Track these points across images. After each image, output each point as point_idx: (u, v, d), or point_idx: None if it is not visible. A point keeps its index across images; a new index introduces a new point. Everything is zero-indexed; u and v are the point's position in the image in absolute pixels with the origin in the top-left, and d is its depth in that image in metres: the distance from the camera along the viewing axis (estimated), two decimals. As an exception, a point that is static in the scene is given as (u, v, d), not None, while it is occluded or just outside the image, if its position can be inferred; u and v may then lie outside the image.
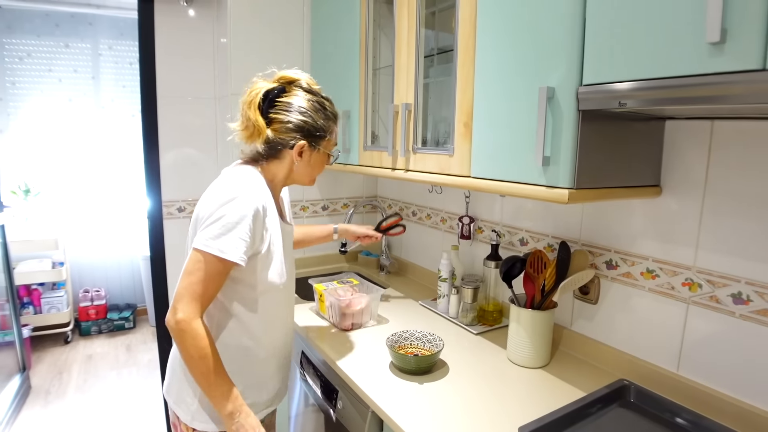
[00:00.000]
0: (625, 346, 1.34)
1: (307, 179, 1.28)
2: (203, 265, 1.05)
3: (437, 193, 2.03)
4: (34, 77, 3.73)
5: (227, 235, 1.06)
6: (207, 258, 1.05)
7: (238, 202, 1.08)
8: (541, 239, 1.58)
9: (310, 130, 1.19)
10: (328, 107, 1.23)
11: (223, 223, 1.06)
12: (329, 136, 1.24)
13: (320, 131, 1.21)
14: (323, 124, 1.21)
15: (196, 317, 1.05)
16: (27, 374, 3.09)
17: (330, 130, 1.24)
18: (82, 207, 3.98)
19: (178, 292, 1.06)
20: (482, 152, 1.23)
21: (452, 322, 1.70)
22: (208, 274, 1.05)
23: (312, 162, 1.24)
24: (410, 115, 1.48)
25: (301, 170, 1.24)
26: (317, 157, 1.24)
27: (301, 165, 1.22)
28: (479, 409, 1.17)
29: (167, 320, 1.06)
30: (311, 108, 1.19)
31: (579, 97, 0.98)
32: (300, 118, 1.18)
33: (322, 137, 1.22)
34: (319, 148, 1.23)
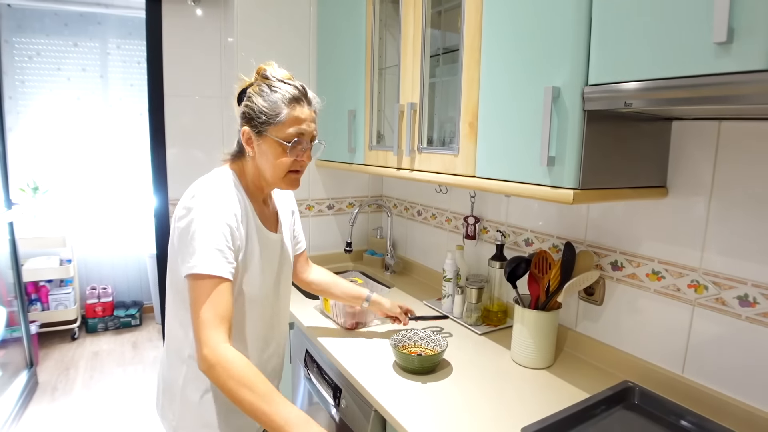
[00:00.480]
0: (630, 347, 1.33)
1: (270, 174, 1.14)
2: (198, 289, 0.99)
3: (443, 192, 2.03)
4: (43, 76, 3.76)
5: (205, 249, 1.00)
6: (199, 281, 0.99)
7: (203, 211, 1.03)
8: (546, 240, 1.58)
9: (250, 114, 1.10)
10: (277, 88, 1.10)
11: (197, 238, 1.01)
12: (274, 118, 1.09)
13: (263, 114, 1.09)
14: (265, 106, 1.08)
15: (219, 343, 0.97)
16: (34, 370, 3.12)
17: (275, 111, 1.08)
18: (89, 204, 4.00)
19: (193, 331, 1.00)
20: (487, 152, 1.23)
21: (456, 322, 1.69)
22: (208, 296, 0.99)
23: (264, 151, 1.12)
24: (415, 114, 1.48)
25: (260, 163, 1.14)
26: (268, 145, 1.11)
27: (258, 157, 1.13)
28: (482, 409, 1.17)
29: (198, 361, 0.99)
30: (254, 92, 1.11)
31: (584, 97, 0.97)
32: (244, 105, 1.12)
33: (266, 122, 1.09)
34: (265, 133, 1.10)
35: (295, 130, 1.10)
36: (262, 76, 1.13)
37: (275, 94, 1.09)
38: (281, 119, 1.09)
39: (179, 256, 1.04)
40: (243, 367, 0.95)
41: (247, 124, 1.11)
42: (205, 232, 1.01)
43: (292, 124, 1.10)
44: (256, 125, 1.10)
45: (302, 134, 1.12)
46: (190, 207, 1.04)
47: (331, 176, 2.36)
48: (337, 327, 1.65)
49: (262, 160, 1.13)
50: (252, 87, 1.13)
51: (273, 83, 1.11)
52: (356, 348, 1.48)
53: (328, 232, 2.38)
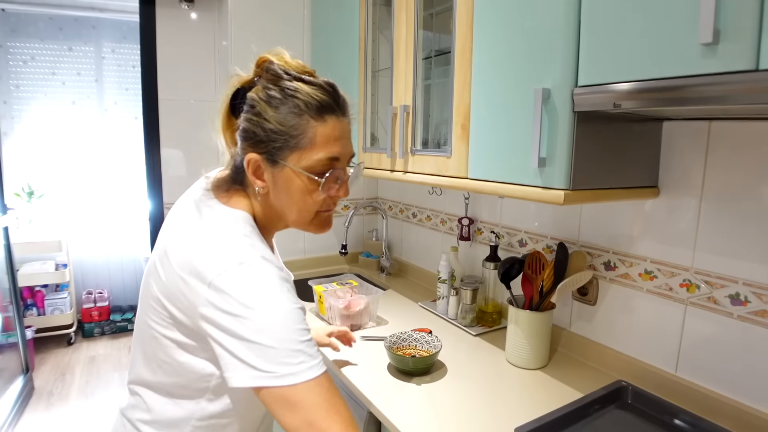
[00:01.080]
0: (623, 347, 1.34)
1: (295, 216, 0.83)
2: (304, 402, 0.69)
3: (437, 194, 2.03)
4: (38, 80, 3.75)
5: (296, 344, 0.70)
6: (302, 390, 0.69)
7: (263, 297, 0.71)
8: (540, 240, 1.58)
9: (258, 135, 0.78)
10: (295, 92, 0.77)
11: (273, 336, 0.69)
12: (297, 141, 0.77)
13: (273, 134, 0.77)
14: (280, 122, 0.76)
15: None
16: (30, 375, 3.11)
17: (297, 130, 0.77)
18: (85, 209, 3.99)
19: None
20: (479, 154, 1.23)
21: (451, 323, 1.70)
22: (323, 405, 0.69)
23: (283, 186, 0.80)
24: (408, 116, 1.48)
25: (277, 201, 0.82)
26: (287, 179, 0.79)
27: (273, 194, 0.81)
28: (477, 409, 1.17)
29: None
30: (263, 98, 0.78)
31: (574, 98, 0.98)
32: (247, 117, 0.79)
33: (283, 146, 0.77)
34: (281, 162, 0.78)
35: (326, 154, 0.78)
36: (269, 73, 0.80)
37: (292, 100, 0.76)
38: (305, 141, 0.77)
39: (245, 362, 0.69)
40: None
41: (254, 149, 0.79)
42: (279, 323, 0.70)
43: (324, 146, 0.78)
44: (268, 151, 0.78)
45: (338, 159, 0.80)
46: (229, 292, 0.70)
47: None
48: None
49: (282, 197, 0.81)
50: (255, 89, 0.80)
51: (286, 84, 0.78)
52: (351, 350, 1.48)
53: (323, 235, 2.37)
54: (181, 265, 0.75)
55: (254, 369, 0.68)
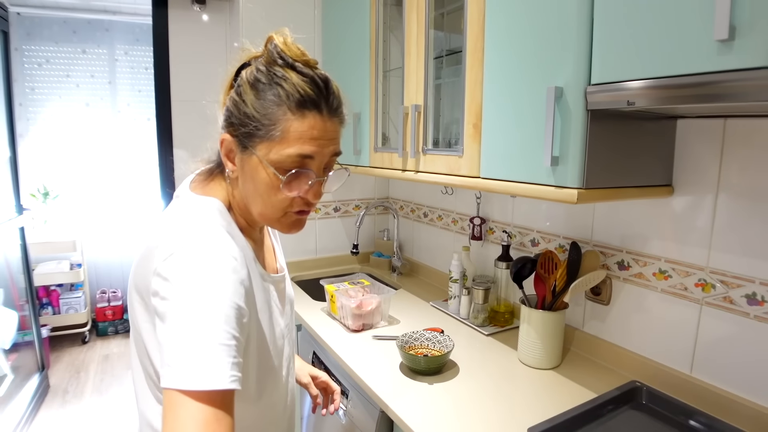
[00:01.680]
0: (637, 347, 1.33)
1: (259, 209, 0.77)
2: (186, 410, 0.59)
3: (448, 194, 2.03)
4: (53, 83, 3.80)
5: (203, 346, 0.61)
6: (189, 398, 0.59)
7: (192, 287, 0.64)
8: (552, 240, 1.57)
9: (234, 116, 0.74)
10: (281, 79, 0.72)
11: (189, 333, 0.62)
12: (269, 130, 0.71)
13: (246, 119, 0.72)
14: (256, 107, 0.72)
15: None
16: (46, 373, 3.15)
17: (270, 118, 0.71)
18: (99, 209, 4.04)
19: None
20: (491, 153, 1.23)
21: (463, 323, 1.69)
22: (203, 422, 0.59)
23: (249, 175, 0.75)
24: (420, 116, 1.48)
25: (244, 190, 0.78)
26: (254, 169, 0.74)
27: (241, 180, 0.77)
28: (489, 409, 1.17)
29: None
30: (248, 80, 0.74)
31: (587, 96, 0.97)
32: (231, 97, 0.76)
33: (251, 132, 0.72)
34: (250, 149, 0.73)
35: (297, 151, 0.72)
36: (267, 54, 0.75)
37: (276, 88, 0.71)
38: (276, 133, 0.71)
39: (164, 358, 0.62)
40: None
41: (228, 129, 0.76)
42: (199, 322, 0.62)
43: (296, 142, 0.72)
44: (240, 134, 0.74)
45: (310, 159, 0.74)
46: (168, 277, 0.65)
47: (337, 179, 2.37)
48: (344, 329, 1.65)
49: (248, 186, 0.76)
50: (248, 69, 0.76)
51: (276, 69, 0.73)
52: (363, 349, 1.49)
53: (335, 234, 2.39)
54: (143, 256, 0.73)
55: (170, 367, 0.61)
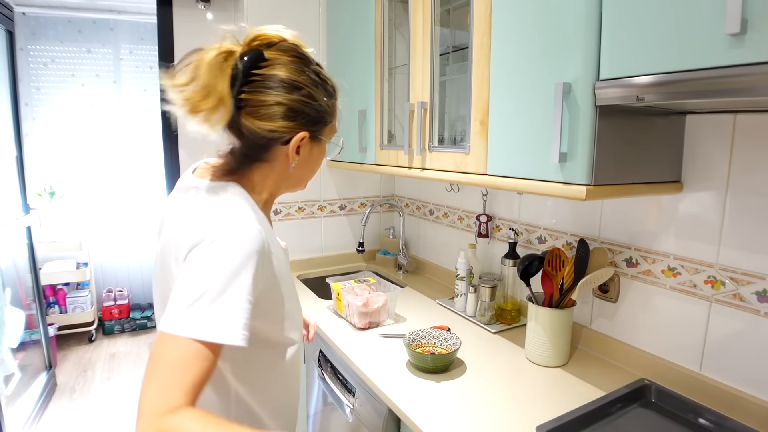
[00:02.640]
0: (646, 345, 1.32)
1: (302, 182, 0.95)
2: (178, 348, 0.66)
3: (454, 191, 2.02)
4: (58, 82, 3.81)
5: (218, 301, 0.69)
6: (189, 341, 0.67)
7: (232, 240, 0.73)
8: (559, 237, 1.56)
9: (311, 115, 0.84)
10: (326, 78, 0.88)
11: (211, 281, 0.70)
12: (332, 118, 0.91)
13: (323, 115, 0.87)
14: (327, 104, 0.87)
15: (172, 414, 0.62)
16: (53, 372, 3.16)
17: (334, 110, 0.91)
18: (105, 209, 4.06)
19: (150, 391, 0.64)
20: (498, 150, 1.22)
21: (470, 320, 1.69)
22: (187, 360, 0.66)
23: (313, 158, 0.91)
24: (426, 113, 1.48)
25: (297, 172, 0.90)
26: (318, 150, 0.91)
27: (299, 165, 0.88)
28: (497, 407, 1.16)
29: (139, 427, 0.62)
30: (309, 82, 0.83)
31: (596, 92, 0.97)
32: (296, 98, 0.82)
33: (325, 123, 0.89)
34: (321, 137, 0.90)
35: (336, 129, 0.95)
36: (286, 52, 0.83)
37: (324, 84, 0.87)
38: (334, 117, 0.92)
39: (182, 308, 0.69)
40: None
41: (304, 128, 0.84)
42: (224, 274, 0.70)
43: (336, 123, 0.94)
44: (315, 129, 0.87)
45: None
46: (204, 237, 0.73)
47: (342, 177, 2.36)
48: (351, 327, 1.65)
49: (304, 168, 0.91)
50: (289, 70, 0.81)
51: (316, 69, 0.86)
52: (370, 348, 1.48)
53: (341, 232, 2.39)
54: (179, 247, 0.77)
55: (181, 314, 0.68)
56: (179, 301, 0.68)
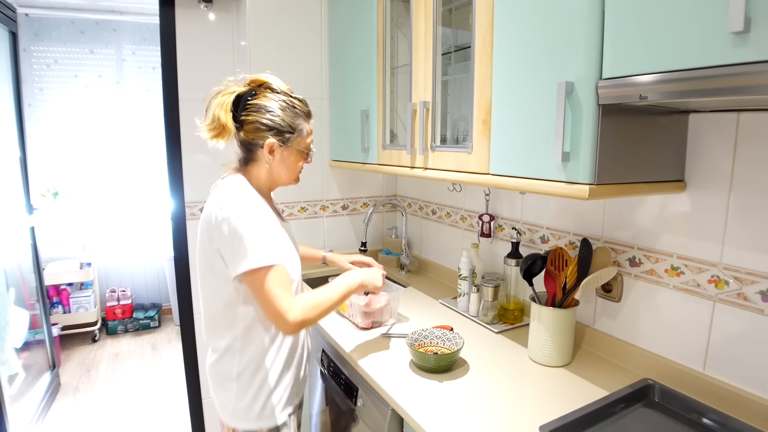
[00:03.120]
0: (649, 344, 1.32)
1: (285, 178, 1.30)
2: (260, 281, 1.12)
3: (457, 191, 2.02)
4: (61, 83, 3.83)
5: (255, 245, 1.12)
6: (259, 273, 1.12)
7: (239, 215, 1.14)
8: (562, 237, 1.56)
9: (277, 128, 1.22)
10: (297, 106, 1.26)
11: (245, 238, 1.12)
12: (299, 132, 1.26)
13: (289, 128, 1.24)
14: (290, 122, 1.24)
15: (296, 305, 1.15)
16: (57, 371, 3.18)
17: (299, 126, 1.26)
18: (108, 209, 4.07)
19: (270, 310, 1.14)
20: (501, 149, 1.22)
21: (473, 320, 1.69)
22: (271, 280, 1.13)
23: (285, 159, 1.27)
24: (428, 113, 1.47)
25: (276, 169, 1.27)
26: (289, 154, 1.27)
27: (275, 163, 1.26)
28: (500, 407, 1.16)
29: (287, 331, 1.16)
30: (278, 107, 1.23)
31: (599, 91, 0.96)
32: (268, 118, 1.22)
33: (291, 134, 1.24)
34: (289, 144, 1.25)
35: (310, 140, 1.30)
36: (268, 89, 1.25)
37: (295, 109, 1.25)
38: (304, 133, 1.27)
39: (231, 261, 1.15)
40: (311, 301, 1.19)
41: (274, 137, 1.23)
42: (248, 231, 1.12)
43: (309, 135, 1.29)
44: (282, 138, 1.24)
45: (312, 142, 1.32)
46: (226, 216, 1.14)
47: (344, 177, 2.36)
48: (353, 326, 1.65)
49: (281, 166, 1.28)
50: (278, 101, 1.23)
51: (292, 100, 1.26)
52: (372, 347, 1.48)
53: (343, 232, 2.39)
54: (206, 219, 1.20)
55: (247, 259, 1.12)
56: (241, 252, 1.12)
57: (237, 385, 1.24)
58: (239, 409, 1.24)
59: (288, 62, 2.14)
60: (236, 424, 1.25)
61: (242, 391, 1.24)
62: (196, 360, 2.23)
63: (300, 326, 1.15)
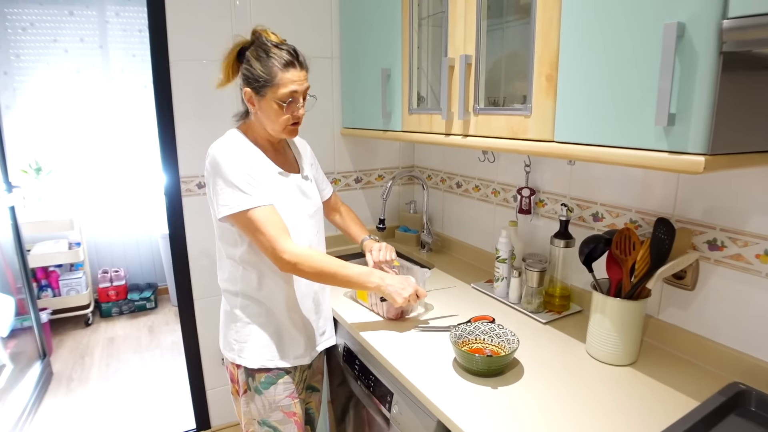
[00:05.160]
0: (732, 341, 1.13)
1: (272, 129, 1.27)
2: (249, 222, 1.19)
3: (489, 161, 1.80)
4: (39, 48, 3.51)
5: (236, 190, 1.18)
6: (246, 215, 1.18)
7: (222, 164, 1.19)
8: (621, 214, 1.36)
9: (249, 77, 1.23)
10: (273, 54, 1.21)
11: (226, 185, 1.19)
12: (272, 82, 1.21)
13: (261, 78, 1.21)
14: (263, 71, 1.21)
15: (293, 246, 1.19)
16: (48, 360, 2.98)
17: (273, 76, 1.21)
18: (96, 184, 3.80)
19: (264, 250, 1.20)
20: (572, 111, 1.00)
21: (514, 308, 1.50)
22: (261, 221, 1.18)
23: (264, 110, 1.25)
24: (470, 69, 1.24)
25: (262, 120, 1.27)
26: (267, 104, 1.23)
27: (259, 114, 1.26)
28: (566, 418, 0.97)
29: (281, 269, 1.21)
30: (251, 56, 1.23)
31: (722, 34, 0.74)
32: (245, 67, 1.24)
33: (265, 84, 1.21)
34: (263, 94, 1.23)
35: (288, 90, 1.22)
36: (258, 40, 1.24)
37: (271, 59, 1.20)
38: (277, 82, 1.21)
39: (217, 206, 1.21)
40: (315, 256, 1.21)
41: (248, 86, 1.24)
42: (229, 178, 1.18)
43: (287, 85, 1.21)
44: (255, 87, 1.23)
45: (295, 93, 1.23)
46: (209, 167, 1.23)
47: (357, 146, 2.13)
48: (375, 316, 1.46)
49: (263, 116, 1.26)
50: (250, 50, 1.24)
51: (269, 49, 1.21)
52: (406, 343, 1.29)
53: (357, 207, 2.16)
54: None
55: (225, 206, 1.19)
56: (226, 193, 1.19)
57: (240, 322, 1.32)
58: (247, 346, 1.31)
59: (291, 14, 1.89)
60: (243, 361, 1.31)
61: (243, 325, 1.32)
62: (198, 346, 2.04)
63: (293, 269, 1.20)
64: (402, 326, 1.40)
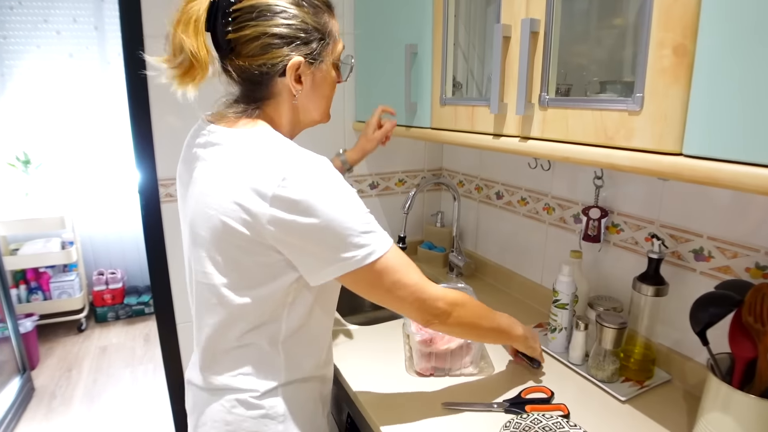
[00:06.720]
0: None
1: (317, 112, 0.87)
2: (384, 272, 0.77)
3: (542, 168, 1.39)
4: (29, 30, 3.19)
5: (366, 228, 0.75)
6: (379, 262, 0.75)
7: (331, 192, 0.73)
8: (740, 254, 0.95)
9: (300, 37, 0.77)
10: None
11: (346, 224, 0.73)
12: (330, 36, 0.82)
13: (316, 33, 0.79)
14: (315, 21, 0.79)
15: (444, 291, 0.84)
16: (28, 375, 2.69)
17: (327, 27, 0.81)
18: (91, 179, 3.50)
19: (401, 303, 0.81)
20: (719, 106, 0.60)
21: (576, 371, 1.10)
22: (400, 265, 0.79)
23: (318, 83, 0.83)
24: (536, 40, 0.85)
25: (307, 103, 0.84)
26: (322, 75, 0.83)
27: (305, 94, 0.82)
28: None
29: (426, 323, 0.85)
30: (291, 2, 0.76)
31: None
32: (281, 23, 0.75)
33: (322, 42, 0.80)
34: (323, 58, 0.82)
35: (342, 45, 0.86)
36: None
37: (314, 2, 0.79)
38: (332, 36, 0.82)
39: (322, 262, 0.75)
40: (468, 299, 0.89)
41: (296, 52, 0.77)
42: (348, 214, 0.73)
43: (340, 38, 0.85)
44: (311, 51, 0.79)
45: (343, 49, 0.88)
46: (296, 198, 0.70)
47: (373, 145, 1.75)
48: (404, 370, 1.09)
49: (313, 96, 0.84)
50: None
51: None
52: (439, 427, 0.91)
53: (372, 220, 1.79)
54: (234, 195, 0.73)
55: (333, 262, 0.74)
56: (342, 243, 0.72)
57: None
58: None
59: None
60: None
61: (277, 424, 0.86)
62: (182, 373, 1.72)
63: (443, 320, 0.85)
64: (427, 386, 1.02)
